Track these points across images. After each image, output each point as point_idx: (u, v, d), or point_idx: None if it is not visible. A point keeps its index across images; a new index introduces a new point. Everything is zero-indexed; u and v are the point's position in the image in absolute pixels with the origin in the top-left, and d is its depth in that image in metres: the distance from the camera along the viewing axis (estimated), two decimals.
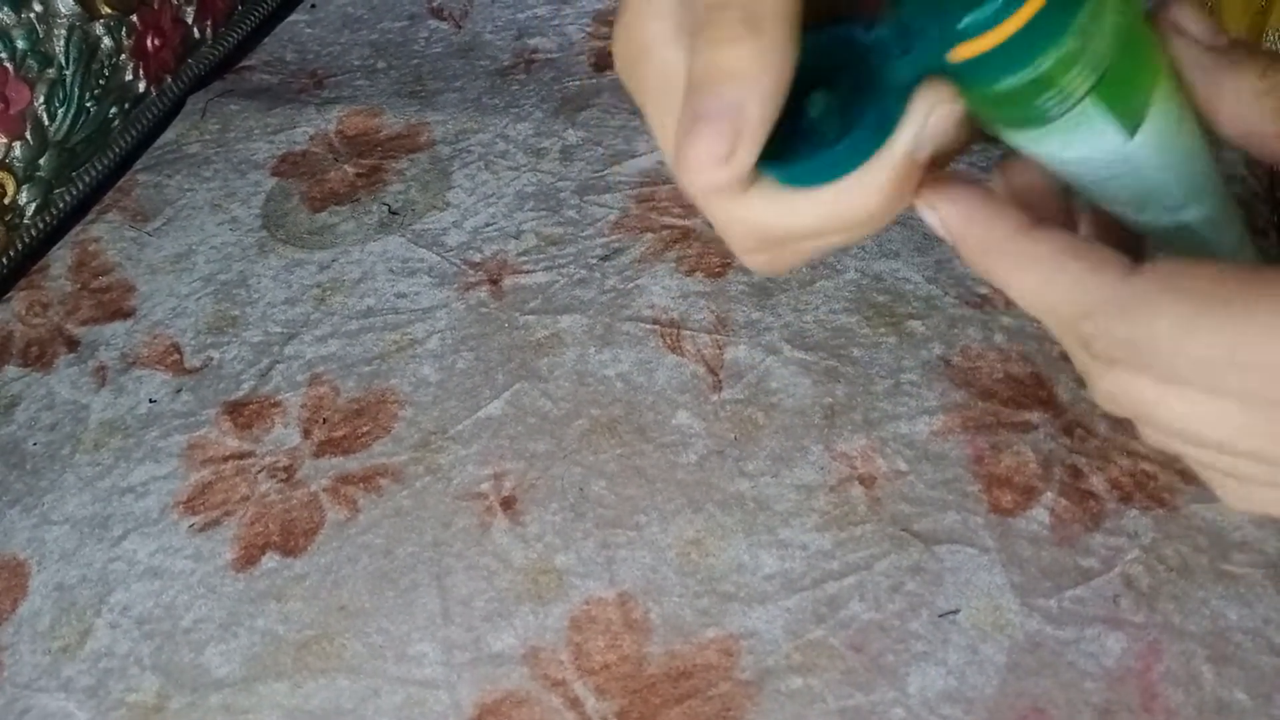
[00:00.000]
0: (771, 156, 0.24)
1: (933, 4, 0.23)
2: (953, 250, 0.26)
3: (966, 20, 0.22)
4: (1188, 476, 0.34)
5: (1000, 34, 0.22)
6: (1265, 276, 0.22)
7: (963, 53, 0.22)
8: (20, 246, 0.48)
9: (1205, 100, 0.25)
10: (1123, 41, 0.23)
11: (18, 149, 0.47)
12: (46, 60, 0.47)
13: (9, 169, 0.47)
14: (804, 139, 0.25)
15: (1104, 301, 0.23)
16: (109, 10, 0.49)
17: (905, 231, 0.43)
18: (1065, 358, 0.37)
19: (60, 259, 0.48)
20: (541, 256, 0.45)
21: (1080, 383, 0.34)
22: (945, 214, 0.25)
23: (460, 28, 0.58)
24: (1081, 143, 0.25)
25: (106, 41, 0.50)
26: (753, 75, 0.22)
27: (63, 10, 0.48)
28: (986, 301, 0.40)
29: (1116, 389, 0.24)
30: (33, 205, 0.48)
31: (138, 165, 0.52)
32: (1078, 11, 0.22)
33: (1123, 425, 0.35)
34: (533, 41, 0.56)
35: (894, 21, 0.24)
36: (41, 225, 0.49)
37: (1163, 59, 0.25)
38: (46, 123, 0.48)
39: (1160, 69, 0.25)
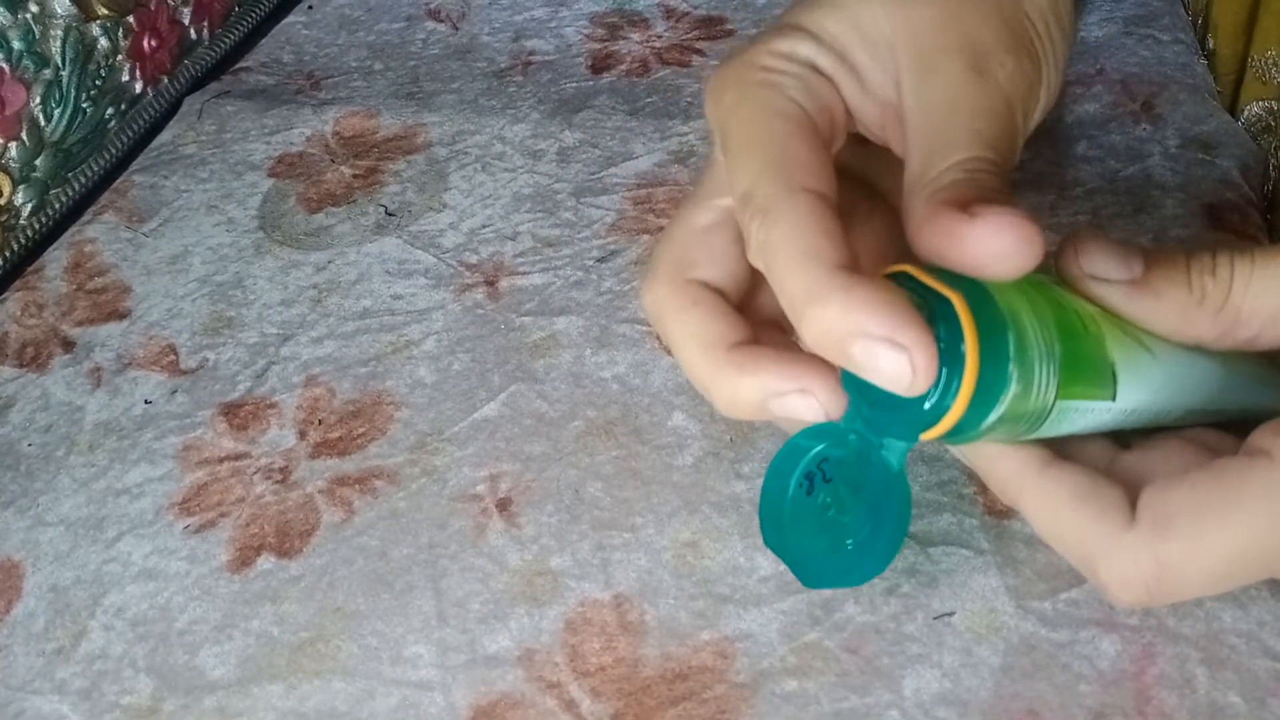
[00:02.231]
0: (801, 562, 0.28)
1: (882, 407, 0.26)
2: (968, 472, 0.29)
3: (916, 423, 0.25)
4: None
5: (950, 420, 0.24)
6: (1242, 472, 0.25)
7: (929, 436, 0.25)
8: (16, 247, 0.48)
9: (1150, 326, 0.27)
10: (1061, 337, 0.25)
11: (13, 149, 0.47)
12: (43, 61, 0.47)
13: (5, 169, 0.47)
14: (823, 534, 0.28)
15: (1105, 553, 0.25)
16: (106, 11, 0.49)
17: None
18: None
19: (56, 260, 0.48)
20: (538, 258, 0.45)
21: None
22: (974, 452, 0.27)
23: (457, 29, 0.59)
24: (1075, 422, 0.26)
25: (103, 42, 0.50)
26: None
27: (59, 11, 0.47)
28: None
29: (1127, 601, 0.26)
30: (28, 206, 0.48)
31: (134, 166, 0.52)
32: (1007, 363, 0.24)
33: None
34: (530, 43, 0.57)
35: (859, 416, 0.27)
36: (37, 226, 0.49)
37: (1101, 319, 0.26)
38: (42, 123, 0.48)
39: (1103, 331, 0.26)
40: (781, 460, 0.29)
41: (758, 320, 0.29)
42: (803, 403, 0.26)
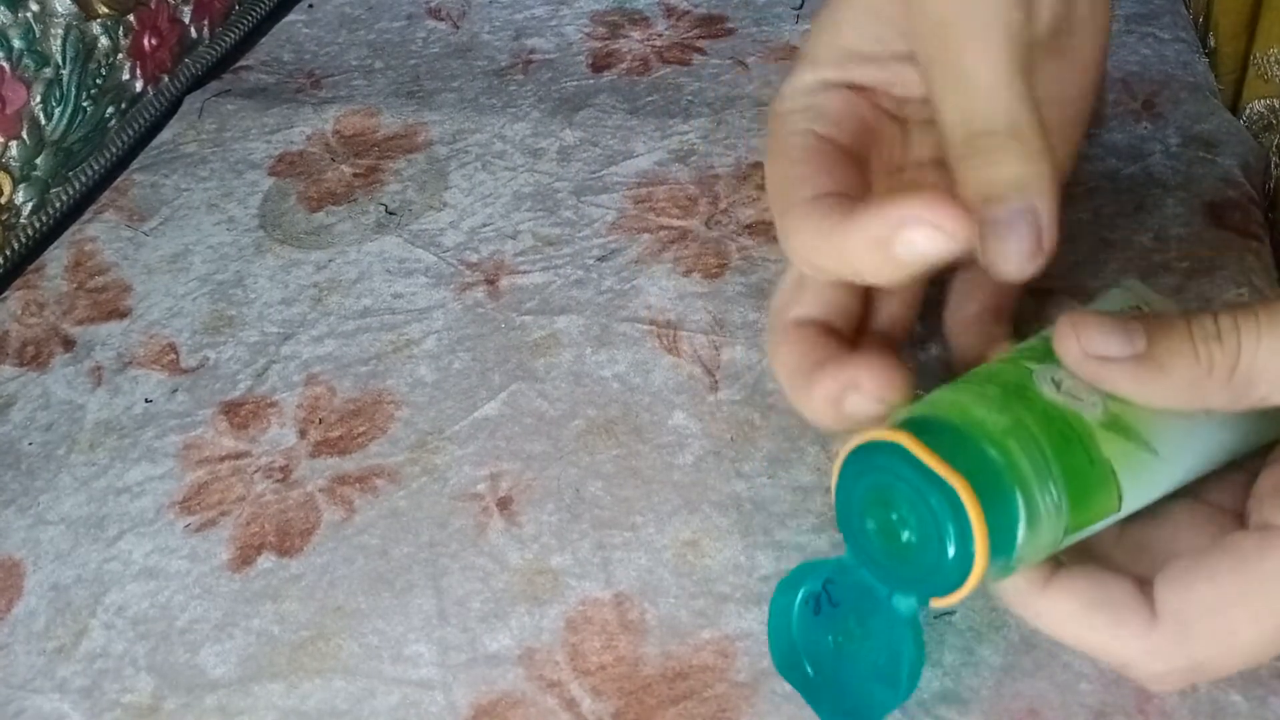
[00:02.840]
0: (816, 694, 0.29)
1: (896, 579, 0.26)
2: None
3: (928, 590, 0.25)
4: None
5: (960, 595, 0.25)
6: (1260, 553, 0.25)
7: (939, 604, 0.26)
8: (16, 246, 0.48)
9: (1159, 402, 0.26)
10: (1065, 475, 0.25)
11: (14, 148, 0.47)
12: (43, 59, 0.47)
13: (5, 168, 0.47)
14: (838, 665, 0.28)
15: (1136, 661, 0.26)
16: (106, 10, 0.49)
17: None
18: None
19: (56, 258, 0.48)
20: (538, 257, 0.45)
21: None
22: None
23: (458, 28, 0.58)
24: (1085, 537, 0.27)
25: (103, 41, 0.50)
26: (1038, 183, 0.27)
27: (60, 9, 0.47)
28: None
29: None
30: (29, 205, 0.48)
31: (134, 165, 0.52)
32: (1014, 537, 0.25)
33: None
34: (530, 42, 0.56)
35: (873, 573, 0.27)
36: (38, 225, 0.49)
37: (1086, 413, 0.26)
38: (43, 122, 0.48)
39: (1103, 457, 0.26)
40: (783, 588, 0.29)
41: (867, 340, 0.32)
42: (859, 402, 0.28)
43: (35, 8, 0.46)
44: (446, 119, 0.52)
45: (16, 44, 0.46)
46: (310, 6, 0.62)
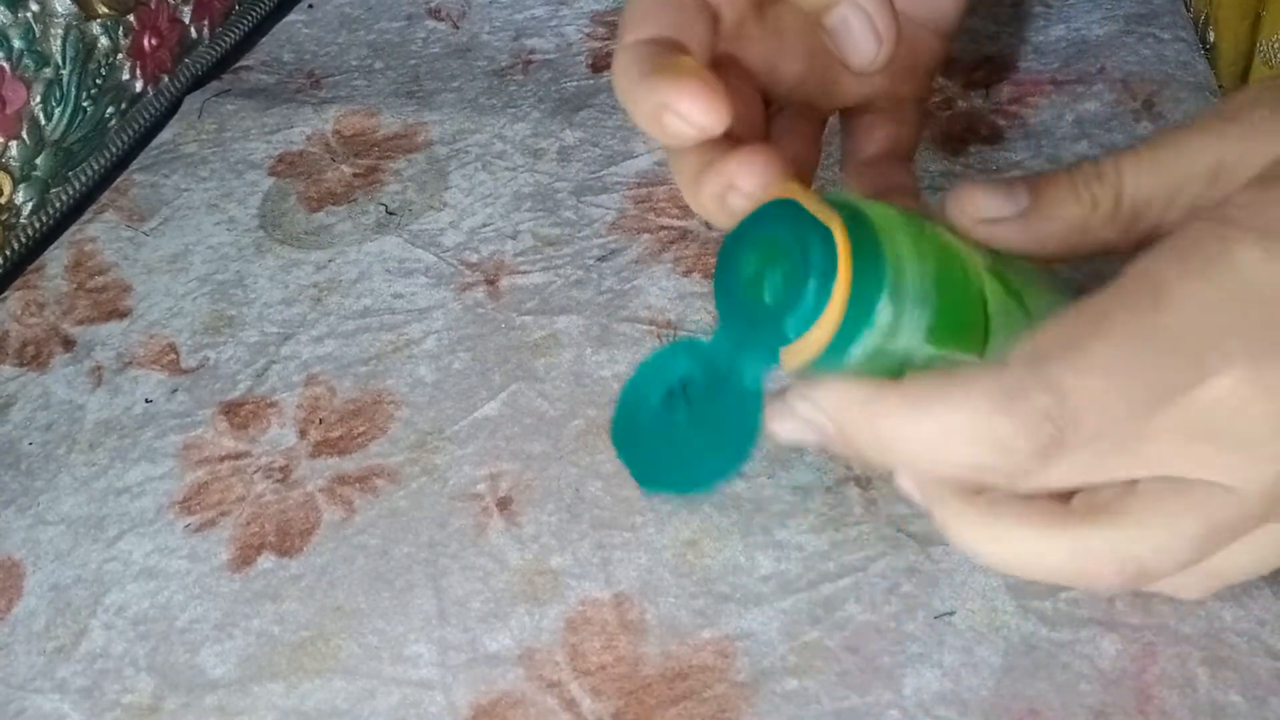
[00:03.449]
0: (644, 467, 0.28)
1: (749, 324, 0.25)
2: (821, 448, 0.26)
3: (778, 342, 0.24)
4: None
5: (814, 343, 0.24)
6: (1110, 296, 0.23)
7: (793, 363, 0.24)
8: (16, 246, 0.48)
9: (1053, 250, 0.26)
10: (941, 285, 0.24)
11: (14, 148, 0.47)
12: (43, 59, 0.47)
13: (5, 168, 0.47)
14: (674, 446, 0.28)
15: (993, 404, 0.22)
16: (106, 10, 0.49)
17: None
18: None
19: (56, 258, 0.48)
20: (538, 257, 0.45)
21: None
22: (822, 404, 0.25)
23: (458, 28, 0.58)
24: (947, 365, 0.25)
25: (103, 41, 0.50)
26: None
27: (59, 9, 0.47)
28: None
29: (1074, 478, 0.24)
30: (29, 205, 0.48)
31: (134, 165, 0.52)
32: (879, 294, 0.24)
33: None
34: (530, 42, 0.56)
35: (729, 336, 0.26)
36: (38, 225, 0.49)
37: (982, 263, 0.26)
38: (43, 122, 0.48)
39: (987, 291, 0.25)
40: (644, 371, 0.29)
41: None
42: (675, 122, 0.27)
43: (35, 8, 0.46)
44: (446, 119, 0.52)
45: (16, 44, 0.46)
46: (310, 7, 0.62)
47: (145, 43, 0.53)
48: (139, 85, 0.53)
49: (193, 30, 0.57)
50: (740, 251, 0.26)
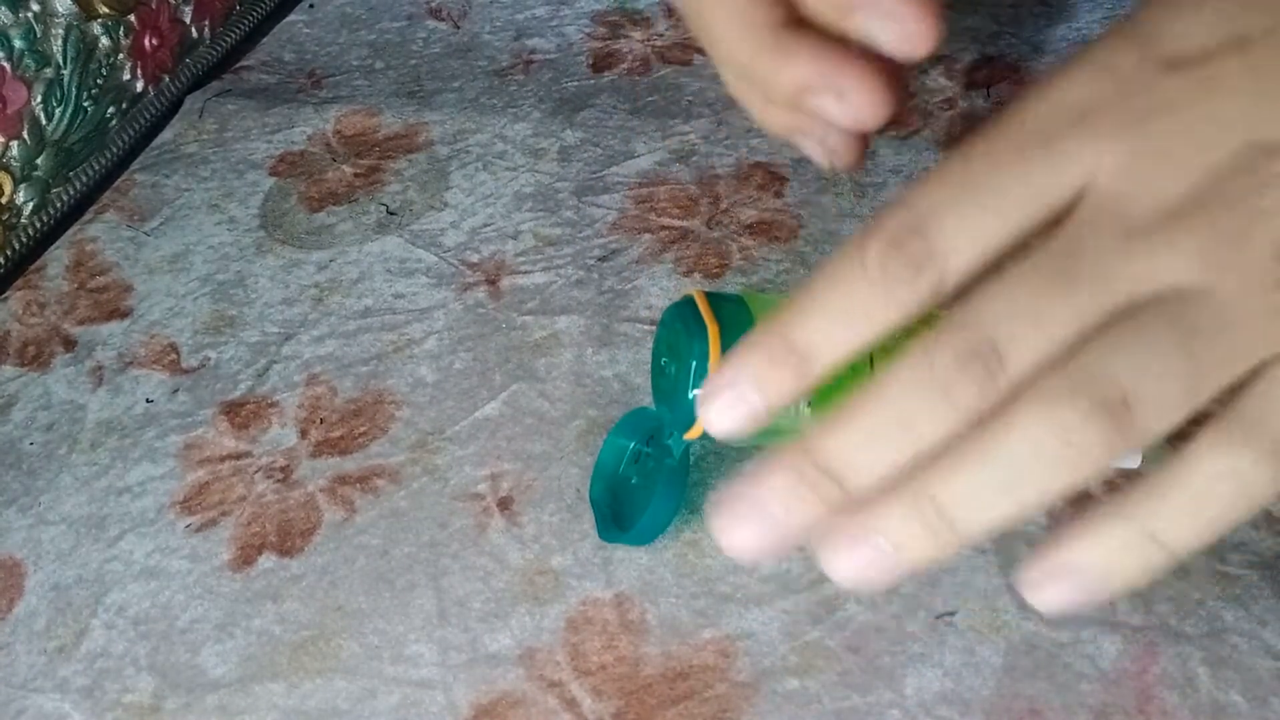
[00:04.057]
0: (603, 519, 0.34)
1: (665, 406, 0.32)
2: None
3: (685, 424, 0.30)
4: None
5: (698, 429, 0.29)
6: None
7: (690, 436, 0.31)
8: (17, 246, 0.48)
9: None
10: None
11: (15, 148, 0.47)
12: (44, 59, 0.47)
13: (6, 168, 0.47)
14: (627, 503, 0.35)
15: None
16: (107, 10, 0.49)
17: None
18: None
19: (57, 259, 0.48)
20: (539, 257, 0.45)
21: None
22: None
23: (458, 28, 0.58)
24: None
25: (104, 41, 0.50)
26: None
27: (60, 10, 0.47)
28: None
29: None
30: (30, 205, 0.48)
31: (135, 165, 0.52)
32: None
33: None
34: (531, 42, 0.56)
35: (662, 416, 0.33)
36: (39, 225, 0.49)
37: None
38: (44, 122, 0.48)
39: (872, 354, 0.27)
40: (620, 429, 0.36)
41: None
42: (836, 106, 0.25)
43: (36, 8, 0.46)
44: (447, 119, 0.52)
45: (17, 44, 0.46)
46: (311, 6, 0.62)
47: (146, 43, 0.53)
48: (140, 85, 0.53)
49: (194, 30, 0.57)
50: (657, 343, 0.33)
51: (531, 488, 0.36)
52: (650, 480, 0.33)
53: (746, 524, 0.23)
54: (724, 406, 0.24)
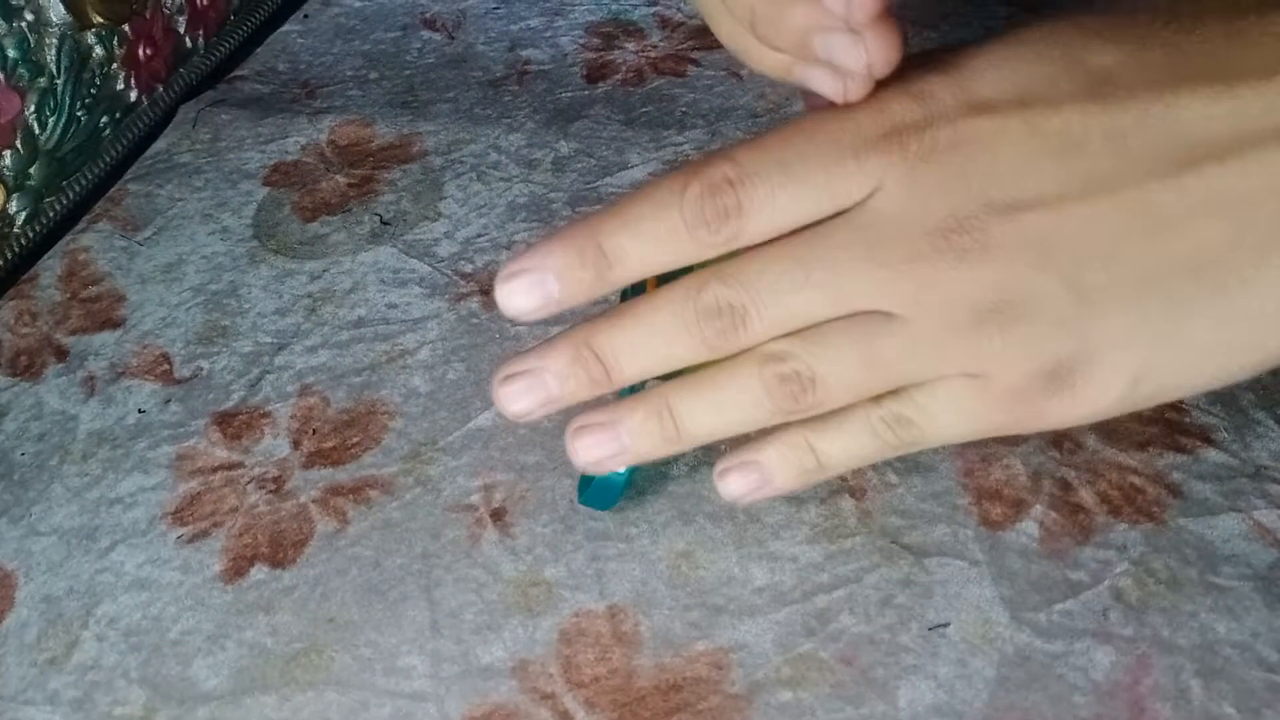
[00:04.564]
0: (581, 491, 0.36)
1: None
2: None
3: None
4: (1175, 490, 0.34)
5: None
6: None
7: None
8: (10, 255, 0.48)
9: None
10: None
11: (8, 158, 0.47)
12: (37, 69, 0.47)
13: None
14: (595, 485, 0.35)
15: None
16: (101, 19, 0.49)
17: None
18: None
19: (50, 268, 0.48)
20: None
21: None
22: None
23: (453, 39, 0.59)
24: None
25: (98, 50, 0.50)
26: None
27: (54, 19, 0.47)
28: None
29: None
30: (23, 214, 0.48)
31: (128, 174, 0.52)
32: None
33: (1112, 438, 0.36)
34: (525, 53, 0.57)
35: None
36: (31, 234, 0.49)
37: None
38: (37, 132, 0.48)
39: None
40: None
41: None
42: (852, 49, 0.25)
43: (30, 17, 0.46)
44: (441, 129, 0.52)
45: (11, 53, 0.46)
46: (305, 17, 0.62)
47: (140, 52, 0.53)
48: (133, 95, 0.53)
49: (187, 40, 0.57)
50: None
51: (525, 499, 0.36)
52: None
53: (526, 395, 0.29)
54: (522, 288, 0.28)
